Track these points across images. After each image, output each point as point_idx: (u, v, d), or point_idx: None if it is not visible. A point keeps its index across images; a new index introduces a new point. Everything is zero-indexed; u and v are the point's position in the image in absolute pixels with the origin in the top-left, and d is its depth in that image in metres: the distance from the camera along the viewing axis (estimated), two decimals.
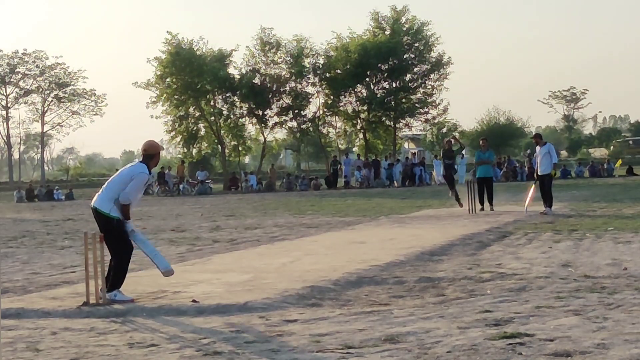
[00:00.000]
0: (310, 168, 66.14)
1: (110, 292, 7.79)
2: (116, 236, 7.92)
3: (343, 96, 51.08)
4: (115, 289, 7.85)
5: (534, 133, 21.81)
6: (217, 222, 19.44)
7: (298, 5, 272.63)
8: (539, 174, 17.72)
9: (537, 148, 17.91)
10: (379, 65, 49.96)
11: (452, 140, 21.64)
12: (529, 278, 8.45)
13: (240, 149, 51.91)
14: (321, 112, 51.75)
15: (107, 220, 7.92)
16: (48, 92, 70.84)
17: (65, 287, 9.15)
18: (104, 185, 8.14)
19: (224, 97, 50.23)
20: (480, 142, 20.76)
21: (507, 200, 22.39)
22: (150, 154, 8.17)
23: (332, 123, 53.25)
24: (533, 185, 18.35)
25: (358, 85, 50.91)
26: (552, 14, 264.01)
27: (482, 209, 18.93)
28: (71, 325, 6.83)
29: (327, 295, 7.95)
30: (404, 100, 51.70)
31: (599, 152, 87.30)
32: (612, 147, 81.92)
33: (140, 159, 8.25)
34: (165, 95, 49.29)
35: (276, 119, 51.05)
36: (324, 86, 50.85)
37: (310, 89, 51.34)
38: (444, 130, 61.36)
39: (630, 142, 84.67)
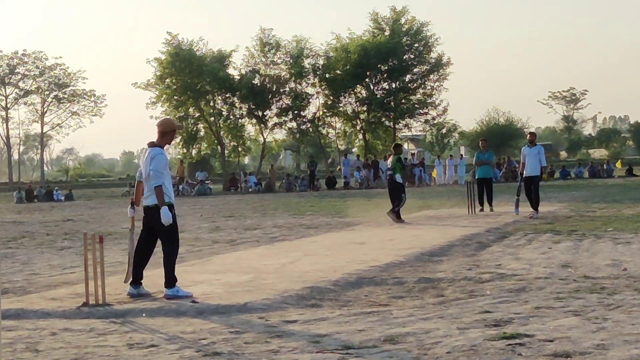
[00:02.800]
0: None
1: (171, 287, 7.82)
2: (170, 225, 7.87)
3: (343, 97, 51.11)
4: (174, 283, 7.87)
5: (528, 132, 21.92)
6: (216, 223, 19.43)
7: (298, 6, 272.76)
8: (526, 175, 17.08)
9: (524, 148, 17.46)
10: (379, 65, 49.99)
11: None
12: (528, 279, 8.45)
13: (239, 149, 51.92)
14: (321, 113, 51.78)
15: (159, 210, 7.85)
16: (47, 92, 70.88)
17: (65, 287, 9.14)
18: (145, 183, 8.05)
19: (223, 97, 50.25)
20: (480, 142, 20.78)
21: (507, 201, 22.37)
22: (164, 131, 8.11)
23: (332, 124, 53.31)
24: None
25: (358, 85, 50.94)
26: (552, 14, 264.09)
27: (482, 210, 18.95)
28: (71, 326, 6.83)
29: (327, 295, 7.95)
30: (403, 100, 51.72)
31: (598, 153, 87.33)
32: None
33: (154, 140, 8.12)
34: (164, 95, 49.31)
35: (276, 119, 51.11)
36: (323, 87, 50.87)
37: (309, 90, 51.43)
38: (444, 130, 61.47)
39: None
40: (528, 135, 18.25)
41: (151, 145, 8.09)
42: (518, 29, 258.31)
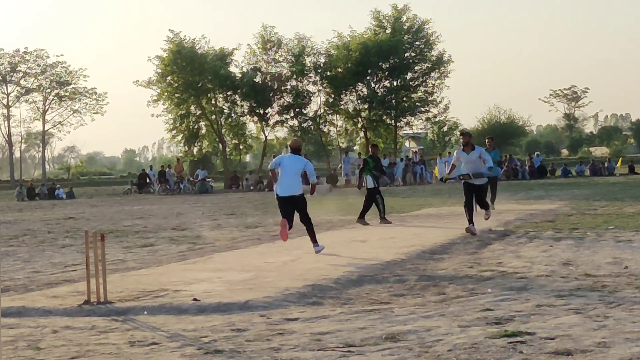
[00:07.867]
0: None
1: (318, 245, 11.15)
2: (305, 206, 11.48)
3: (344, 95, 51.07)
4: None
5: (460, 131, 19.32)
6: (218, 221, 19.44)
7: (299, 4, 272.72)
8: (475, 184, 13.63)
9: (456, 152, 14.07)
10: (380, 63, 49.95)
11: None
12: (529, 277, 8.45)
13: (241, 147, 51.90)
14: (322, 111, 51.74)
15: (302, 198, 11.51)
16: (49, 90, 70.89)
17: (67, 285, 9.15)
18: (287, 177, 11.43)
19: (225, 95, 50.22)
20: (486, 141, 20.74)
21: (508, 199, 22.38)
22: (296, 147, 11.87)
23: (333, 122, 53.25)
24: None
25: (359, 83, 50.89)
26: (554, 12, 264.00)
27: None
28: (72, 324, 6.83)
29: (328, 293, 7.96)
30: (404, 98, 51.68)
31: (599, 151, 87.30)
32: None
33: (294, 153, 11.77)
34: (166, 93, 49.29)
35: (277, 117, 51.06)
36: (325, 85, 50.84)
37: (311, 88, 51.36)
38: (445, 128, 61.41)
39: None
40: (463, 140, 14.01)
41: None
42: (519, 26, 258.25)
